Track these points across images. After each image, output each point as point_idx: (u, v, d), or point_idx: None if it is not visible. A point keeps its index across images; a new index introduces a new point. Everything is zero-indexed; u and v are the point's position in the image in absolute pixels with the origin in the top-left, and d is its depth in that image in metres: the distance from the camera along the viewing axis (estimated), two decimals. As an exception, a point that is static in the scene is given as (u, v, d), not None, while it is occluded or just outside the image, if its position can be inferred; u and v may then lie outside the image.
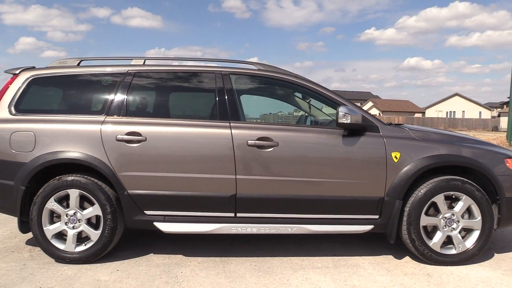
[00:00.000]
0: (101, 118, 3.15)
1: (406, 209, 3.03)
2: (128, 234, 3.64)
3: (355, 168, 3.06)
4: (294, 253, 3.33)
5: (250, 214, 3.09)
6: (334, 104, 3.22)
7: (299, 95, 3.68)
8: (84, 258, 3.08)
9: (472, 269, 3.00)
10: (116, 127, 3.09)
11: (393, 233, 3.06)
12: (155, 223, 3.09)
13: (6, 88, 3.30)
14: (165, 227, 3.08)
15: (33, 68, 3.41)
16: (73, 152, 3.06)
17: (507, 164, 3.11)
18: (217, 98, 3.18)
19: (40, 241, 3.09)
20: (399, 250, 3.34)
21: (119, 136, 3.06)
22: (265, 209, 3.08)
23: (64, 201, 3.12)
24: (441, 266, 3.03)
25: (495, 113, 57.16)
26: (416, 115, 58.69)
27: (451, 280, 2.80)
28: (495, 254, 3.31)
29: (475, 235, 3.07)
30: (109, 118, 3.14)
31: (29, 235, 3.69)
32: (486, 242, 3.07)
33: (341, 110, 2.96)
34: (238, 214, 3.09)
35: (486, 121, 50.52)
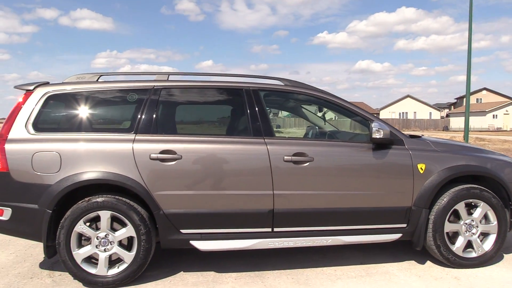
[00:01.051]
0: (131, 136, 3.10)
1: (431, 217, 3.27)
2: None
3: (385, 180, 3.25)
4: (323, 264, 3.46)
5: (287, 228, 3.18)
6: (361, 119, 3.40)
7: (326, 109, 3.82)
8: (118, 281, 3.02)
9: (492, 270, 3.29)
10: (148, 146, 3.06)
11: (420, 241, 3.28)
12: (192, 242, 3.09)
13: (20, 105, 3.15)
14: (202, 245, 3.10)
15: (47, 83, 3.28)
16: (104, 173, 2.99)
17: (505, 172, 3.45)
18: (248, 114, 3.24)
19: (69, 266, 2.98)
20: (418, 255, 3.58)
21: (153, 155, 3.03)
22: (301, 222, 3.18)
23: (93, 223, 3.04)
24: (464, 269, 3.30)
25: (443, 113, 61.13)
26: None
27: (478, 282, 3.06)
28: (504, 255, 3.65)
29: (491, 238, 3.37)
30: (139, 136, 3.10)
31: (38, 257, 3.58)
32: (502, 245, 3.38)
33: (374, 125, 3.15)
34: (275, 229, 3.17)
35: (437, 121, 53.86)
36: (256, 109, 3.25)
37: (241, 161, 3.12)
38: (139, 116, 3.16)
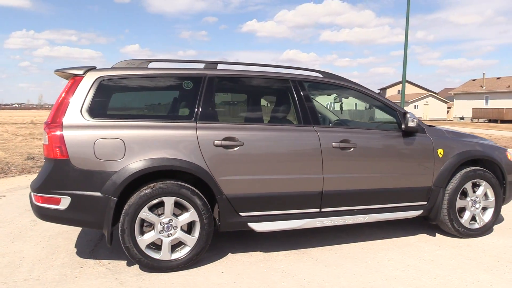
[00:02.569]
0: (192, 123, 3.21)
1: (446, 195, 3.86)
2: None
3: (413, 163, 3.76)
4: (353, 240, 3.89)
5: (332, 209, 3.54)
6: (389, 109, 3.86)
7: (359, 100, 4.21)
8: (182, 264, 3.15)
9: (492, 238, 3.98)
10: (211, 132, 3.20)
11: (438, 216, 3.87)
12: (249, 224, 3.31)
13: (71, 90, 3.09)
14: (259, 226, 3.34)
15: (94, 68, 3.24)
16: (171, 159, 3.08)
17: (508, 156, 4.18)
18: (298, 104, 3.52)
19: (133, 252, 3.04)
20: (426, 230, 4.19)
21: (217, 142, 3.19)
22: (344, 203, 3.57)
23: (154, 209, 3.12)
24: (470, 239, 3.95)
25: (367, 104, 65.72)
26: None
27: (486, 247, 3.70)
28: (494, 226, 4.40)
29: (489, 212, 4.06)
30: (200, 124, 3.23)
31: (68, 247, 3.55)
32: (498, 217, 4.10)
33: (410, 116, 3.62)
34: (323, 209, 3.52)
35: (362, 112, 57.77)
36: (304, 99, 3.54)
37: (295, 147, 3.40)
38: (197, 104, 3.27)
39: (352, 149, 3.52)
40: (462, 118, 42.88)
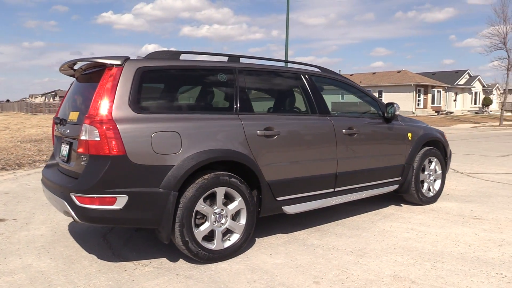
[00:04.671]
0: (235, 115, 3.36)
1: (414, 171, 4.76)
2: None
3: (394, 145, 4.54)
4: (347, 215, 4.51)
5: (342, 188, 4.07)
6: (373, 101, 4.57)
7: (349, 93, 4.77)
8: (233, 252, 3.29)
9: (442, 203, 5.05)
10: (253, 123, 3.40)
11: (409, 189, 4.74)
12: (283, 207, 3.62)
13: (114, 82, 2.94)
14: (290, 209, 3.66)
15: (128, 58, 3.12)
16: (223, 150, 3.18)
17: (445, 137, 5.33)
18: (312, 95, 3.94)
19: (191, 246, 3.06)
20: (389, 202, 5.07)
21: (259, 132, 3.40)
22: (351, 182, 4.14)
23: (206, 200, 3.19)
24: (430, 205, 4.94)
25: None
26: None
27: (446, 210, 4.71)
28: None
29: (438, 182, 5.12)
30: (242, 115, 3.39)
31: (86, 254, 3.41)
32: (443, 186, 5.21)
33: (396, 106, 4.37)
34: (336, 189, 4.02)
35: (344, 103, 60.08)
36: (318, 91, 3.98)
37: (317, 135, 3.83)
38: (235, 96, 3.42)
39: (356, 134, 4.12)
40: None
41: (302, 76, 3.97)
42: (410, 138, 4.70)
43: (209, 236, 3.21)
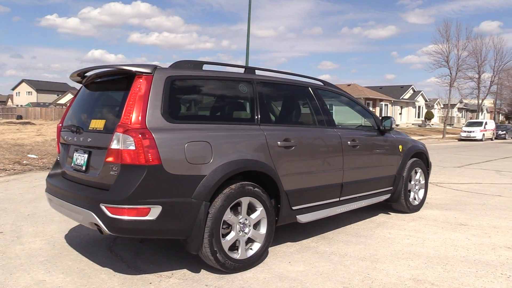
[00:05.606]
0: (257, 126, 3.45)
1: (403, 180, 5.08)
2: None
3: (389, 156, 4.83)
4: (344, 224, 4.72)
5: (346, 197, 4.27)
6: (369, 114, 4.84)
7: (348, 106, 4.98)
8: (255, 261, 3.35)
9: (426, 211, 5.42)
10: (273, 134, 3.50)
11: (399, 198, 5.05)
12: (297, 216, 3.74)
13: (146, 90, 2.94)
14: (303, 218, 3.78)
15: (156, 67, 3.12)
16: (250, 161, 3.26)
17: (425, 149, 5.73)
18: (321, 109, 4.12)
19: (219, 257, 3.08)
20: (378, 210, 5.37)
21: (280, 143, 3.51)
22: (353, 191, 4.35)
23: (232, 210, 3.23)
24: (416, 212, 5.29)
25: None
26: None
27: (433, 217, 5.07)
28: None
29: (422, 191, 5.49)
30: (263, 126, 3.49)
31: (98, 267, 3.36)
32: (426, 195, 5.59)
33: (392, 120, 4.67)
34: (341, 198, 4.21)
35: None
36: (325, 104, 4.18)
37: (329, 146, 4.01)
38: (255, 107, 3.52)
39: (358, 146, 4.35)
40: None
41: (311, 89, 4.15)
42: (401, 150, 5.03)
43: (233, 246, 3.25)
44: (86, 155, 3.22)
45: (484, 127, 30.02)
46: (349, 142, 4.22)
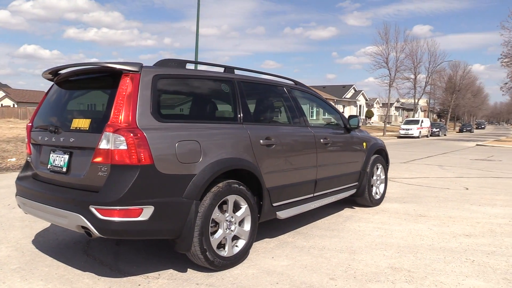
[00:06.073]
0: (240, 125, 3.51)
1: (366, 176, 5.39)
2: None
3: (355, 153, 5.10)
4: (315, 219, 4.92)
5: (319, 193, 4.45)
6: (336, 113, 5.07)
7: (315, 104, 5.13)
8: (240, 258, 3.42)
9: (387, 204, 5.78)
10: (255, 133, 3.59)
11: (364, 193, 5.34)
12: (277, 212, 3.85)
13: (134, 89, 2.90)
14: (283, 214, 3.90)
15: (141, 65, 3.09)
16: (236, 159, 3.32)
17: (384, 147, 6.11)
18: (296, 108, 4.26)
19: (208, 255, 3.11)
20: (343, 205, 5.65)
21: (262, 141, 3.60)
22: (325, 187, 4.55)
23: (219, 208, 3.27)
24: (377, 206, 5.63)
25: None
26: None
27: (394, 210, 5.43)
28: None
29: (382, 186, 5.86)
30: (245, 125, 3.56)
31: (67, 273, 3.31)
32: (386, 188, 5.96)
33: (359, 118, 4.93)
34: (315, 194, 4.39)
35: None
36: (299, 103, 4.33)
37: (305, 144, 4.16)
38: (237, 106, 3.58)
39: (329, 144, 4.56)
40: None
41: (286, 89, 4.28)
42: (365, 147, 5.33)
43: (219, 244, 3.30)
44: (66, 156, 3.10)
45: (421, 125, 32.16)
46: (321, 140, 4.41)
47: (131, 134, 2.73)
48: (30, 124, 3.58)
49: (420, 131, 31.68)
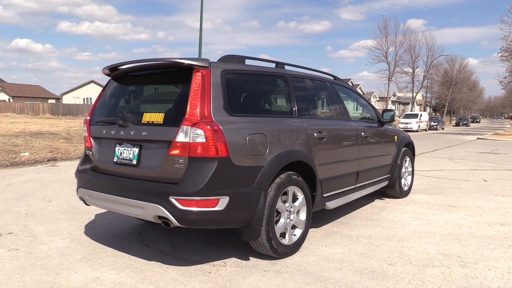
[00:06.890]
0: (296, 118, 3.68)
1: (398, 168, 5.60)
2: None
3: (388, 146, 5.31)
4: (349, 210, 5.12)
5: (360, 184, 4.66)
6: (371, 107, 5.27)
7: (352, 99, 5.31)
8: (298, 246, 3.60)
9: (415, 196, 6.00)
10: (310, 126, 3.76)
11: (395, 185, 5.56)
12: (326, 203, 4.04)
13: (206, 84, 3.05)
14: (331, 204, 4.09)
15: (209, 60, 3.23)
16: (297, 152, 3.50)
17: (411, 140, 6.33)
18: (341, 102, 4.45)
19: (273, 243, 3.28)
20: (373, 197, 5.86)
21: (316, 134, 3.78)
22: (365, 178, 4.75)
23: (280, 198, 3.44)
24: (407, 197, 5.85)
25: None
26: (50, 100, 58.05)
27: (423, 201, 5.65)
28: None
29: (409, 178, 6.07)
30: (301, 119, 3.73)
31: (143, 261, 3.43)
32: (413, 180, 6.18)
33: (393, 113, 5.13)
34: (356, 185, 4.59)
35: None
36: (341, 98, 4.51)
37: (349, 137, 4.36)
38: (292, 100, 3.75)
39: (368, 137, 4.75)
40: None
41: (329, 84, 4.46)
42: (396, 140, 5.54)
43: (281, 233, 3.47)
44: (136, 149, 3.24)
45: (420, 119, 32.58)
46: (362, 134, 4.60)
47: (209, 128, 2.89)
48: (89, 118, 3.71)
49: (419, 125, 32.09)
